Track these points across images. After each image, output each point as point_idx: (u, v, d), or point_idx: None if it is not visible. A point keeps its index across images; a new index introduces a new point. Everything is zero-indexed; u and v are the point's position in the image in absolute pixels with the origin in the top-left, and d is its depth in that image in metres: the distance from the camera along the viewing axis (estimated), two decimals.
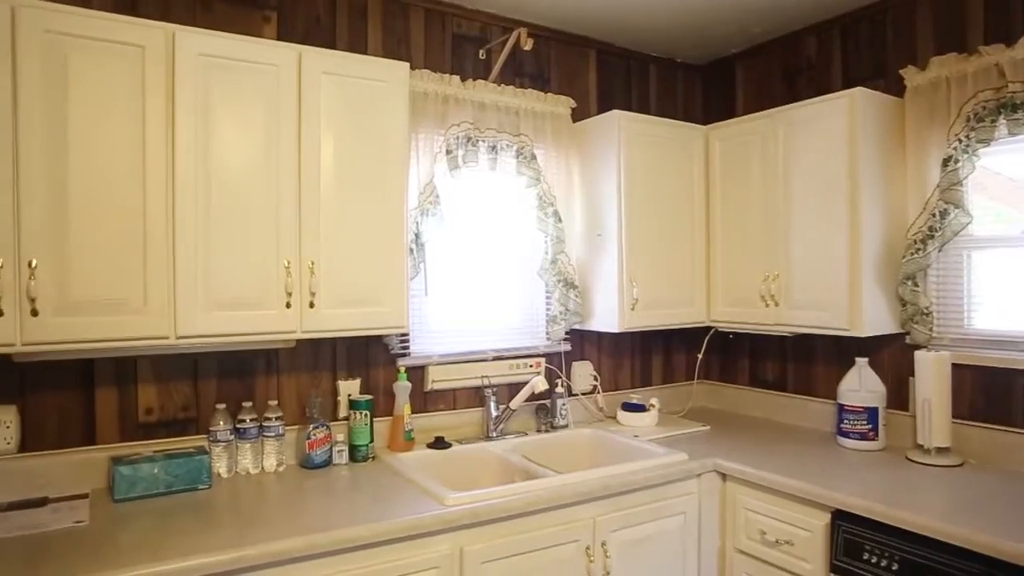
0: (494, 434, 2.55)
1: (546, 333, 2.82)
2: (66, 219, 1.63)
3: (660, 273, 2.70)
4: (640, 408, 2.78)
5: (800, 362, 2.86)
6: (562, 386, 2.79)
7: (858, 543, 1.86)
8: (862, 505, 1.85)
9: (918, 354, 2.23)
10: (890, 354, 2.51)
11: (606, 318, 2.66)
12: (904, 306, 2.37)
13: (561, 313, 2.74)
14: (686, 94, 3.27)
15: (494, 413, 2.56)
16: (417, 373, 2.50)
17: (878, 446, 2.36)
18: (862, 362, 2.42)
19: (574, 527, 2.00)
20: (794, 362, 2.89)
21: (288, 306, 1.92)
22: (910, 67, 2.37)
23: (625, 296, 2.59)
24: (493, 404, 2.56)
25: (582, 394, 2.91)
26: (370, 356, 2.42)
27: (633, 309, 2.61)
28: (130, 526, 1.65)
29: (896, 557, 1.77)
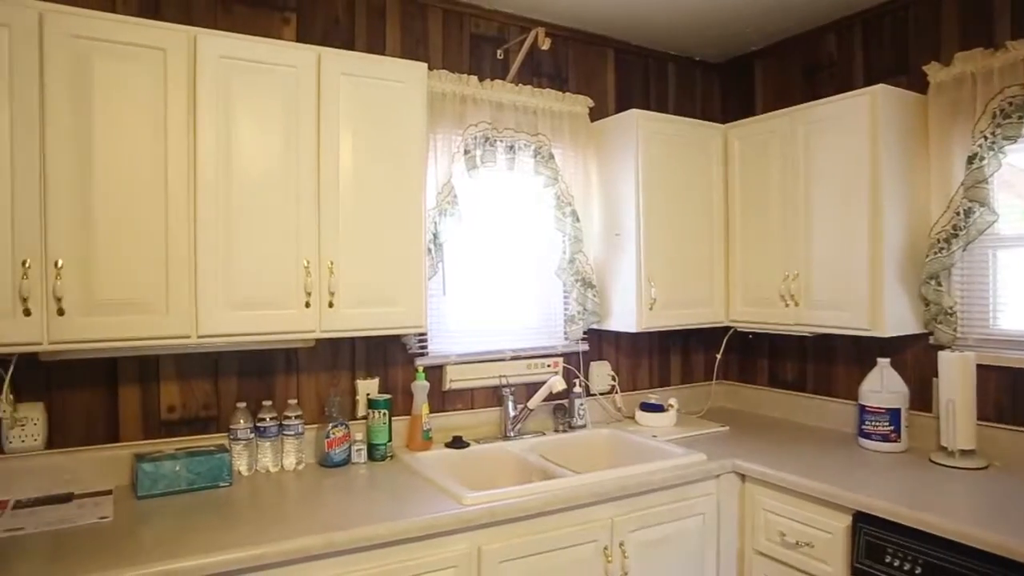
0: (512, 434, 2.55)
1: (564, 333, 2.81)
2: (91, 220, 1.66)
3: (678, 273, 2.68)
4: (658, 408, 2.76)
5: (820, 362, 2.83)
6: (580, 386, 2.78)
7: (880, 546, 1.84)
8: (885, 507, 1.82)
9: (942, 354, 2.19)
10: (913, 354, 2.47)
11: (624, 318, 2.65)
12: (927, 306, 2.33)
13: (579, 313, 2.73)
14: (704, 93, 3.25)
15: (512, 413, 2.56)
16: (435, 373, 2.51)
17: (900, 448, 2.33)
18: (884, 363, 2.39)
19: (592, 527, 1.99)
20: (814, 362, 2.86)
21: (307, 306, 1.94)
22: (933, 63, 2.34)
23: (643, 296, 2.58)
24: (511, 404, 2.56)
25: (600, 394, 2.90)
26: (388, 356, 2.44)
27: (651, 309, 2.60)
28: (152, 522, 1.67)
29: (920, 560, 1.75)
